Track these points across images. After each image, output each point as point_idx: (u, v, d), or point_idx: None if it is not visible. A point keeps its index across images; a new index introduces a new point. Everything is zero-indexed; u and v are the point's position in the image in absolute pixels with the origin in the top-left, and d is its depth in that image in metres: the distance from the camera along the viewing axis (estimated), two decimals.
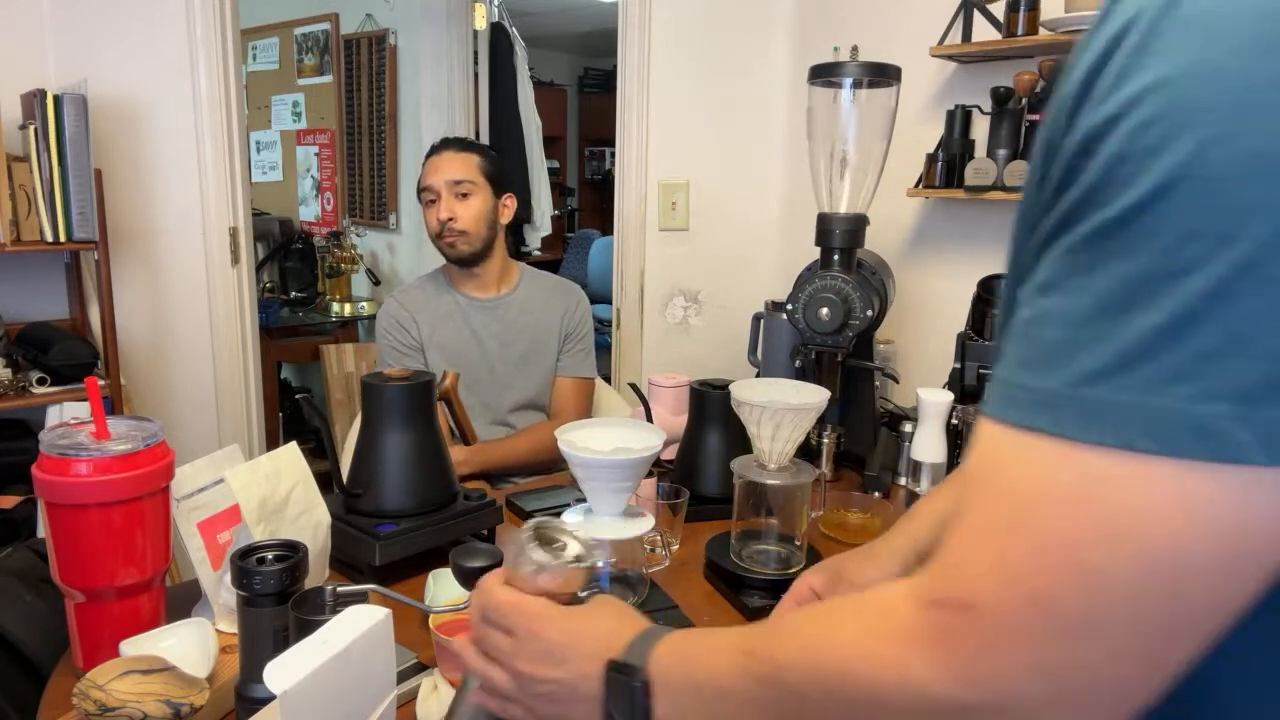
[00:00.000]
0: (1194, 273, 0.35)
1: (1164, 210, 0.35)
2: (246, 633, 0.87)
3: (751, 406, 1.20)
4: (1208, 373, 0.35)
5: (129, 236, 2.27)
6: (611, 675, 0.58)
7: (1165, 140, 0.35)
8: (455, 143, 2.01)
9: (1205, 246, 0.35)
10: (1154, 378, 0.36)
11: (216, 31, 2.25)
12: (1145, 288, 0.36)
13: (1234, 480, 0.35)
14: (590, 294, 7.17)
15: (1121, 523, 0.37)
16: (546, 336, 2.03)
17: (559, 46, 7.36)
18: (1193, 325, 0.35)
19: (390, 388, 1.27)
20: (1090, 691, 0.39)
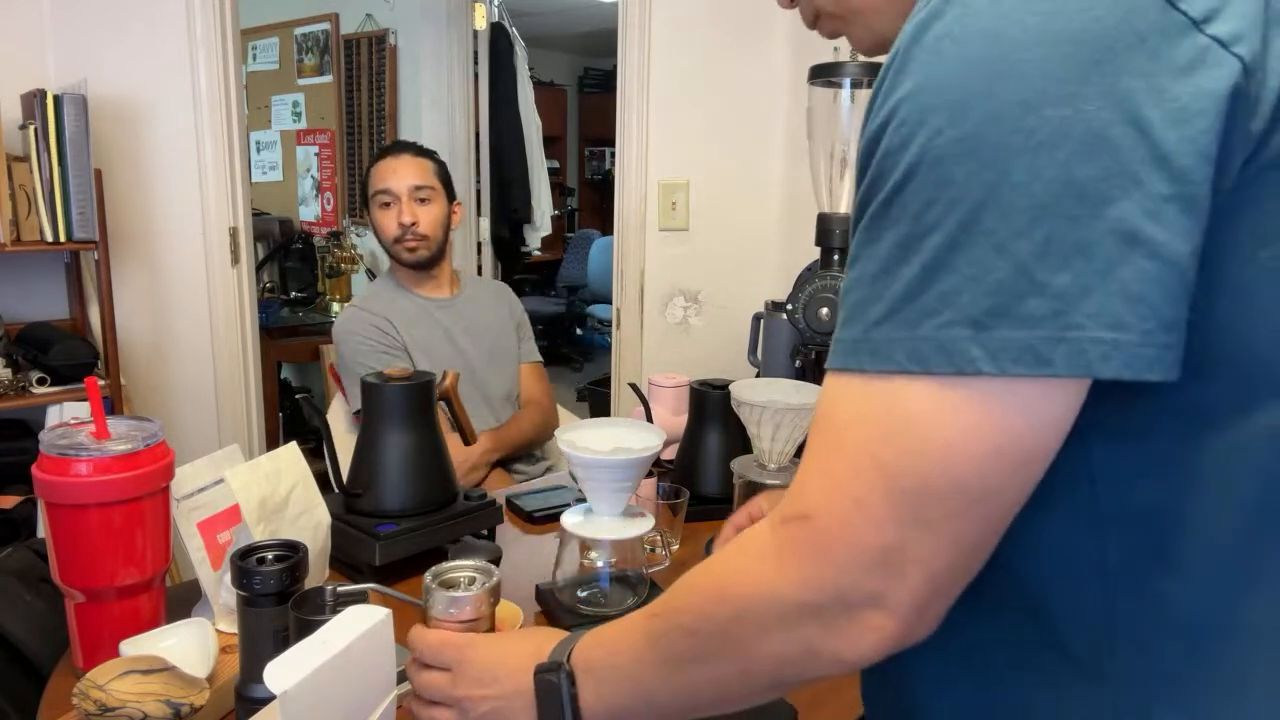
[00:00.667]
0: (934, 232, 0.45)
1: (911, 188, 0.46)
2: (246, 633, 0.87)
3: (751, 406, 1.20)
4: (948, 307, 0.45)
5: (129, 236, 2.27)
6: (540, 677, 0.63)
7: (909, 136, 0.46)
8: (411, 147, 2.02)
9: (939, 212, 0.45)
10: (913, 316, 0.46)
11: (216, 31, 2.25)
12: (905, 248, 0.46)
13: (976, 389, 0.45)
14: (590, 294, 7.13)
15: (908, 431, 0.46)
16: (505, 329, 2.13)
17: (559, 46, 7.36)
18: (935, 272, 0.45)
19: (390, 388, 1.27)
20: (914, 577, 0.47)
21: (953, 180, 0.45)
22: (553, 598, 1.13)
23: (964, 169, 0.44)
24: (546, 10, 5.90)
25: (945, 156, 0.45)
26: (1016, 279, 0.43)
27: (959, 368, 0.44)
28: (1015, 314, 0.43)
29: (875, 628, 0.48)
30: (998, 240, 0.44)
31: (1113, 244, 0.42)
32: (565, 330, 6.60)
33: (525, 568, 1.30)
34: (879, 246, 0.48)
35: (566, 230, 7.40)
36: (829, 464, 0.49)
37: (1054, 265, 0.43)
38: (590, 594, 1.13)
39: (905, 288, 0.46)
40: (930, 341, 0.45)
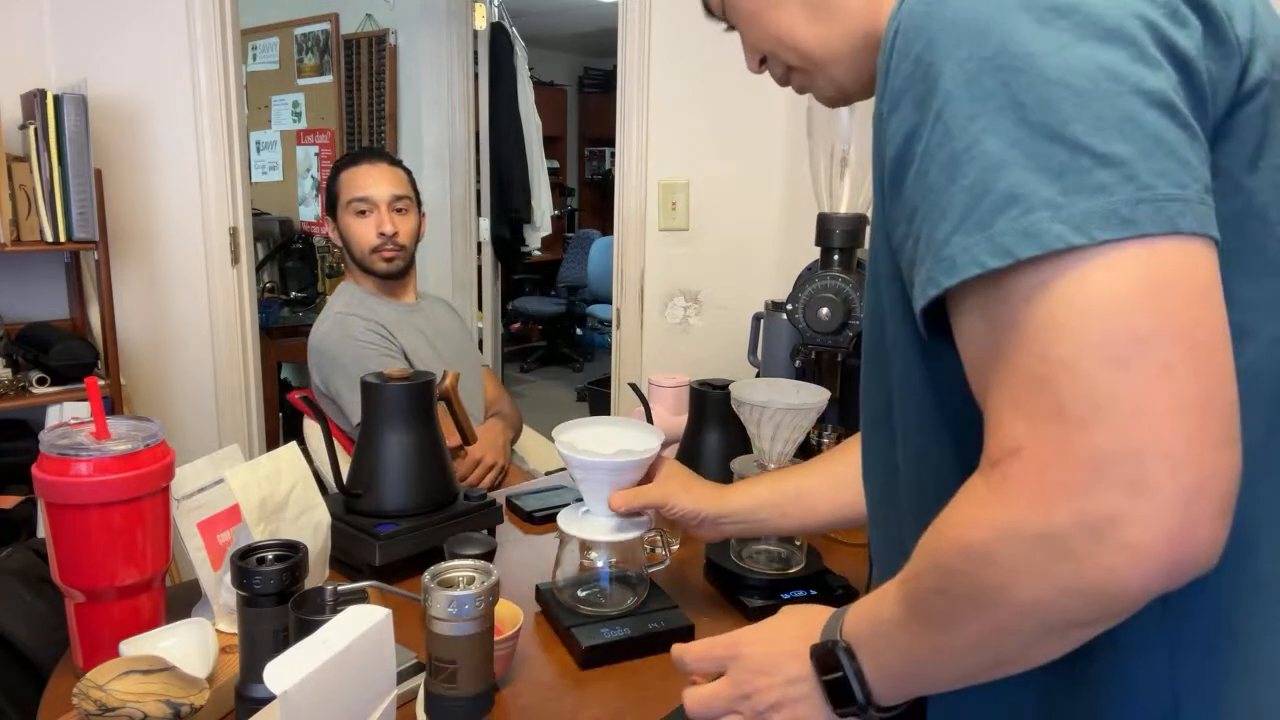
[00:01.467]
0: (983, 140, 0.47)
1: (950, 113, 0.49)
2: (246, 633, 0.87)
3: (751, 406, 1.20)
4: (1019, 200, 0.45)
5: (129, 236, 2.27)
6: (818, 658, 0.61)
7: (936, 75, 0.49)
8: (385, 156, 2.01)
9: (983, 123, 0.47)
10: (984, 218, 0.46)
11: (216, 31, 2.25)
12: (955, 165, 0.48)
13: (1067, 266, 0.44)
14: (590, 294, 7.14)
15: (1047, 326, 0.45)
16: (465, 332, 2.18)
17: (559, 46, 7.36)
18: (995, 173, 0.46)
19: (390, 388, 1.27)
20: (1157, 474, 0.42)
21: (991, 93, 0.47)
22: (553, 598, 1.13)
23: (998, 79, 0.47)
24: (546, 10, 5.90)
25: (978, 74, 0.47)
26: (1077, 157, 0.44)
27: (1047, 246, 0.44)
28: (1087, 187, 0.44)
29: (1130, 546, 0.42)
30: (1050, 130, 0.45)
31: (1155, 113, 0.45)
32: (565, 330, 6.60)
33: (525, 568, 1.30)
34: (929, 179, 0.49)
35: (566, 230, 7.40)
36: (1003, 396, 0.47)
37: (1110, 137, 0.44)
38: (590, 594, 1.13)
39: (967, 196, 0.47)
40: (1011, 234, 0.45)
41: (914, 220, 0.51)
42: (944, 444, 0.60)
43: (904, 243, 0.53)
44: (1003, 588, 0.46)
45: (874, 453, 0.71)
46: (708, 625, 1.14)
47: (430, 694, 0.86)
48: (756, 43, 0.78)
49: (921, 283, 0.50)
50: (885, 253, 0.59)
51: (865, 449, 0.73)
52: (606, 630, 1.06)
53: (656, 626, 1.08)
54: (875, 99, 0.56)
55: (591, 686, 1.01)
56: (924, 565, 0.53)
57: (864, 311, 0.67)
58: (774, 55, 0.77)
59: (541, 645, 1.09)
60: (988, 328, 0.48)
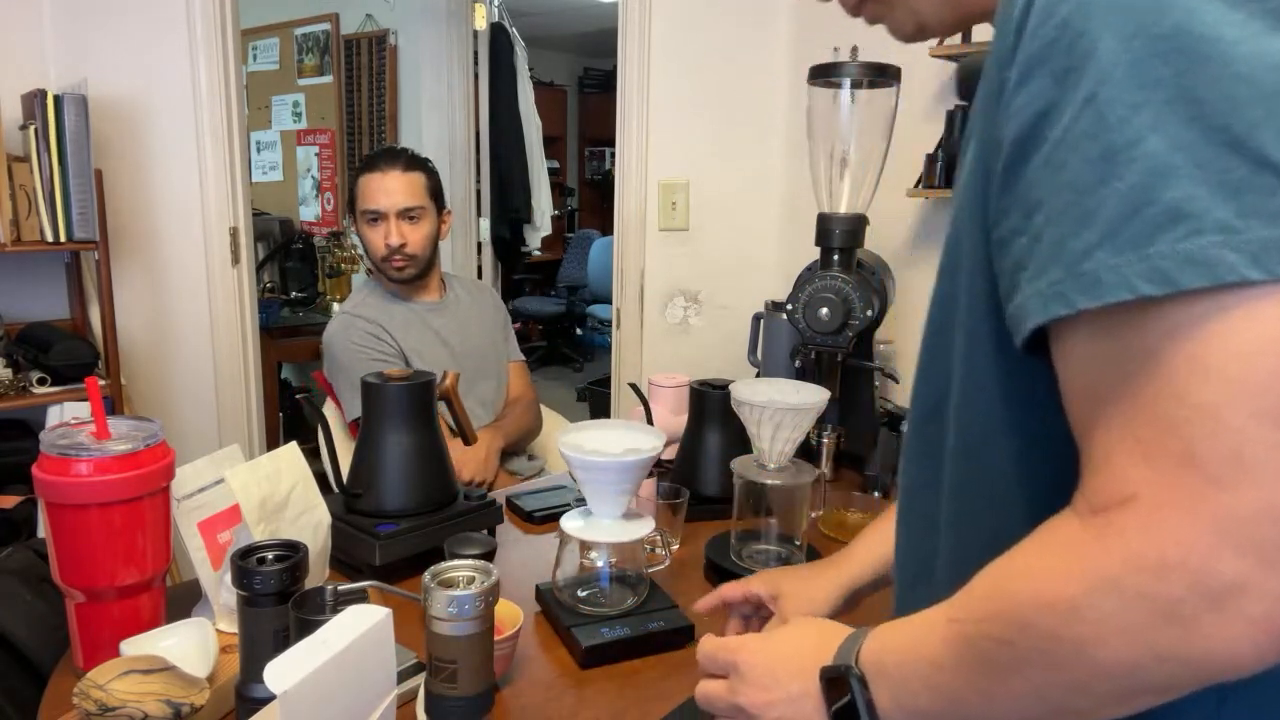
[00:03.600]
0: (1148, 138, 0.40)
1: (1106, 96, 0.41)
2: (246, 633, 0.87)
3: (751, 406, 1.20)
4: (1186, 217, 0.38)
5: (129, 236, 2.27)
6: (827, 680, 0.58)
7: (1092, 44, 0.41)
8: (401, 158, 1.95)
9: (1150, 115, 0.40)
10: (1141, 233, 0.40)
11: (216, 31, 2.25)
12: (1109, 162, 0.41)
13: (1247, 302, 0.38)
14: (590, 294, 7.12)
15: (1196, 371, 0.39)
16: (493, 329, 2.14)
17: (559, 46, 7.36)
18: (1160, 179, 0.39)
19: (390, 388, 1.27)
20: (1258, 529, 0.37)
21: (1161, 81, 0.39)
22: (553, 598, 1.13)
23: (1172, 65, 0.39)
24: (546, 10, 5.90)
25: (1147, 56, 0.40)
26: (1261, 174, 0.38)
27: (1219, 278, 0.37)
28: (1269, 211, 0.37)
29: (1251, 619, 0.37)
30: (1231, 136, 0.38)
31: None
32: (565, 330, 6.60)
33: (525, 568, 1.30)
34: (1067, 173, 0.42)
35: (566, 230, 7.40)
36: (1121, 436, 0.41)
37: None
38: (590, 594, 1.13)
39: (1122, 204, 0.40)
40: (1173, 257, 0.38)
41: (1033, 216, 0.44)
42: (1006, 463, 0.54)
43: (1012, 238, 0.46)
44: (1087, 646, 0.42)
45: (921, 446, 0.65)
46: (708, 625, 1.14)
47: (430, 694, 0.86)
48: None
49: (1042, 295, 0.43)
50: (976, 242, 0.51)
51: (912, 439, 0.67)
52: (606, 630, 1.06)
53: (656, 626, 1.08)
54: (993, 58, 0.48)
55: (591, 686, 1.01)
56: (990, 611, 0.47)
57: (932, 296, 0.61)
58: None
59: (541, 645, 1.09)
60: (1112, 356, 0.42)
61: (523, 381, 2.17)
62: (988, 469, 0.56)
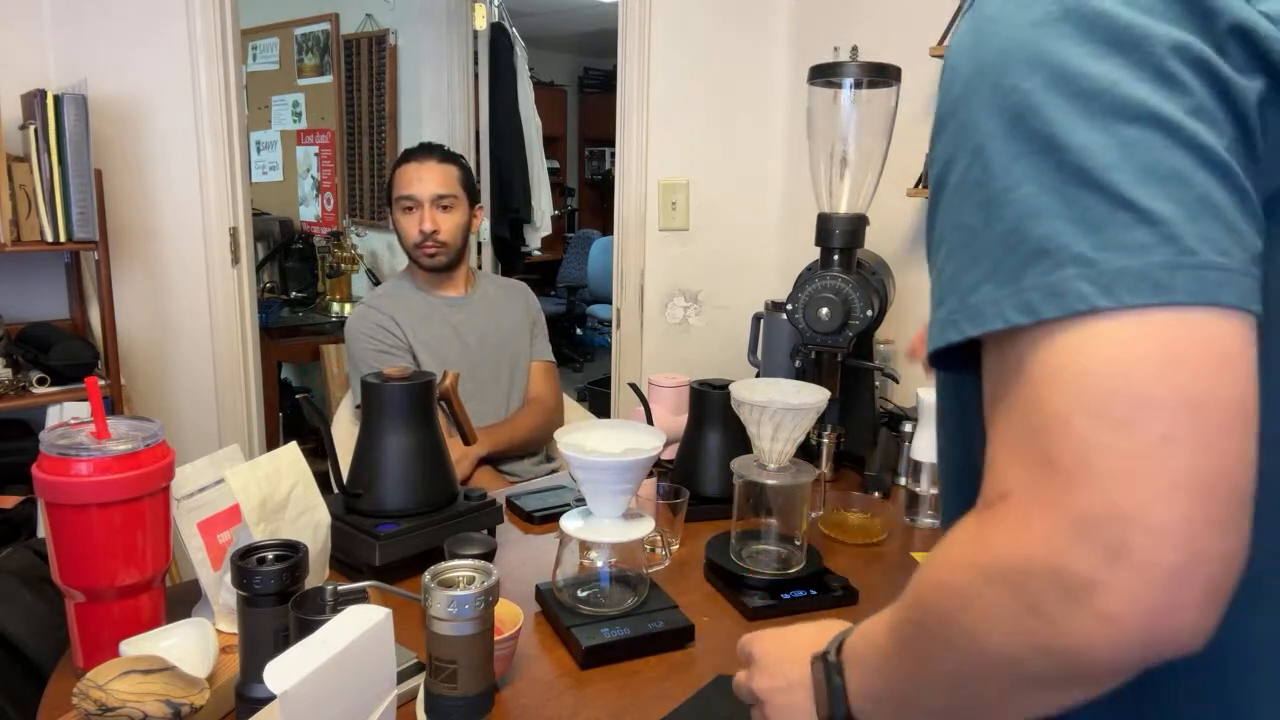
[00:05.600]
0: (1023, 185, 0.45)
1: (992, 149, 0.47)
2: (246, 633, 0.87)
3: (751, 406, 1.20)
4: (1051, 253, 0.43)
5: (129, 236, 2.27)
6: (814, 666, 0.63)
7: (976, 107, 0.48)
8: (437, 151, 2.03)
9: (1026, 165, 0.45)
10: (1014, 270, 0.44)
11: (216, 31, 2.25)
12: (992, 206, 0.46)
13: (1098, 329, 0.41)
14: (590, 294, 7.10)
15: (1061, 371, 0.42)
16: (518, 327, 2.13)
17: (559, 46, 7.36)
18: (1031, 220, 0.44)
19: (390, 388, 1.27)
20: (1140, 544, 0.39)
21: (1034, 132, 0.44)
22: (553, 598, 1.13)
23: (1042, 117, 0.44)
24: (546, 10, 5.90)
25: (1022, 111, 0.44)
26: (1117, 211, 0.41)
27: (1070, 308, 0.41)
28: (1123, 244, 0.41)
29: (1103, 616, 0.39)
30: (1090, 177, 0.42)
31: (1205, 173, 0.42)
32: (565, 330, 6.60)
33: (525, 568, 1.30)
34: (962, 216, 0.47)
35: (566, 230, 7.40)
36: (1001, 439, 0.45)
37: (1154, 193, 0.41)
38: (590, 594, 1.13)
39: (1000, 245, 0.45)
40: (1037, 290, 0.43)
41: (939, 251, 0.50)
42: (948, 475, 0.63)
43: (931, 270, 0.52)
44: (975, 634, 0.45)
45: None
46: (708, 625, 1.14)
47: (430, 694, 0.86)
48: None
49: (940, 323, 0.48)
50: None
51: None
52: (606, 630, 1.06)
53: (656, 626, 1.08)
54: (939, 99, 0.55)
55: (591, 686, 1.01)
56: (911, 598, 0.51)
57: None
58: None
59: (541, 645, 1.09)
60: (1000, 372, 0.46)
61: (544, 383, 2.16)
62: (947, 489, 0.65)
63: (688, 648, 1.09)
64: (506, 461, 2.03)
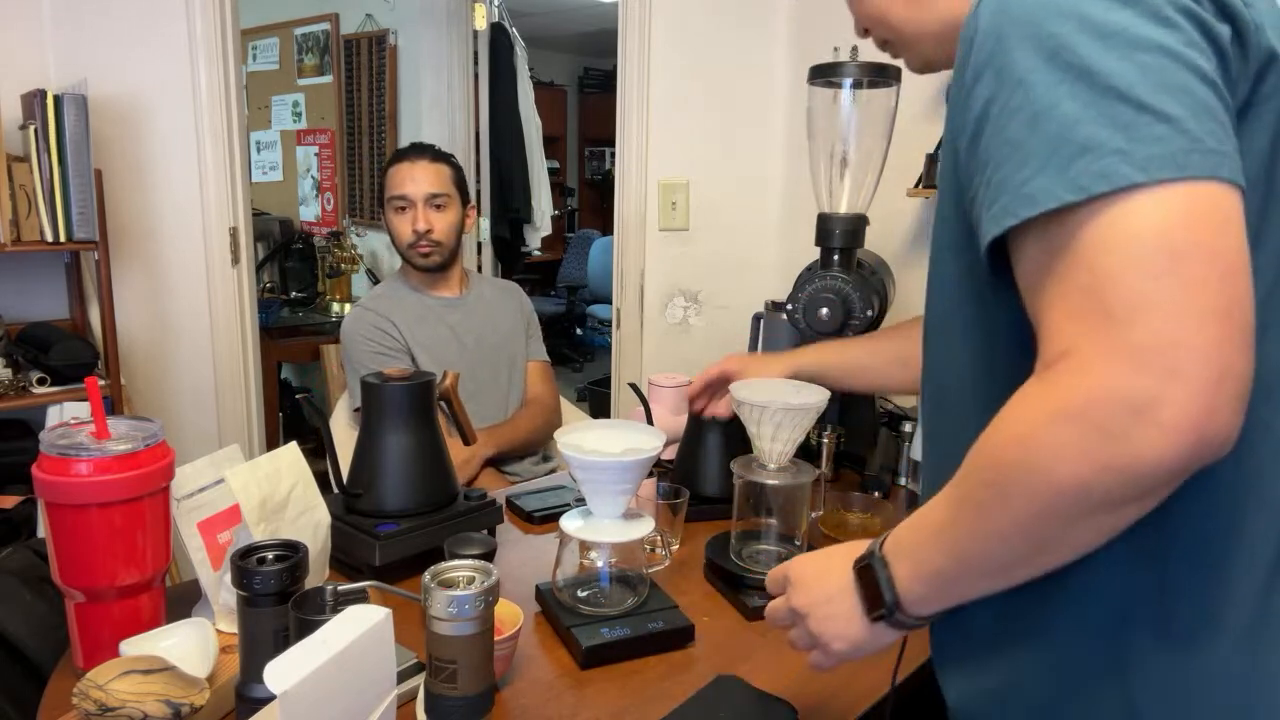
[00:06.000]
0: (1063, 102, 0.56)
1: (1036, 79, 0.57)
2: (246, 633, 0.87)
3: (751, 406, 1.20)
4: (1094, 147, 0.54)
5: (129, 236, 2.27)
6: (858, 571, 0.70)
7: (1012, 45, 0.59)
8: (428, 151, 2.02)
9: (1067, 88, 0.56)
10: (1063, 162, 0.54)
11: (216, 31, 2.25)
12: (1037, 120, 0.56)
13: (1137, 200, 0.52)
14: (590, 294, 7.10)
15: (1109, 237, 0.53)
16: (514, 328, 2.14)
17: (559, 46, 7.36)
18: (1074, 126, 0.55)
19: (390, 388, 1.27)
20: (1189, 365, 0.49)
21: (1069, 64, 0.55)
22: (553, 597, 1.13)
23: (1076, 53, 0.55)
24: (546, 10, 5.90)
25: (1058, 49, 0.56)
26: (1141, 115, 0.53)
27: (1116, 184, 0.52)
28: (1149, 138, 0.53)
29: (1164, 425, 0.49)
30: (1119, 93, 0.54)
31: (1204, 88, 0.54)
32: (565, 330, 6.60)
33: (525, 568, 1.30)
34: (1008, 133, 0.57)
35: (566, 230, 7.40)
36: (1057, 307, 0.55)
37: (1167, 101, 0.53)
38: (590, 594, 1.13)
39: (1048, 146, 0.55)
40: (1085, 174, 0.53)
41: (986, 170, 0.59)
42: (963, 381, 0.71)
43: (977, 191, 0.60)
44: (1049, 469, 0.53)
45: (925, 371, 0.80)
46: (708, 625, 1.14)
47: (430, 694, 0.86)
48: (859, 15, 0.90)
49: (995, 217, 0.57)
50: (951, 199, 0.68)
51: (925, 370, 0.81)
52: (606, 630, 1.06)
53: (656, 626, 1.08)
54: (955, 71, 0.65)
55: (591, 686, 1.01)
56: (977, 462, 0.59)
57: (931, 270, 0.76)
58: (873, 29, 0.89)
59: (541, 645, 1.09)
60: (1048, 252, 0.55)
61: (542, 383, 2.16)
62: (953, 398, 0.73)
63: (688, 648, 1.09)
64: (508, 462, 2.02)
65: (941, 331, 0.74)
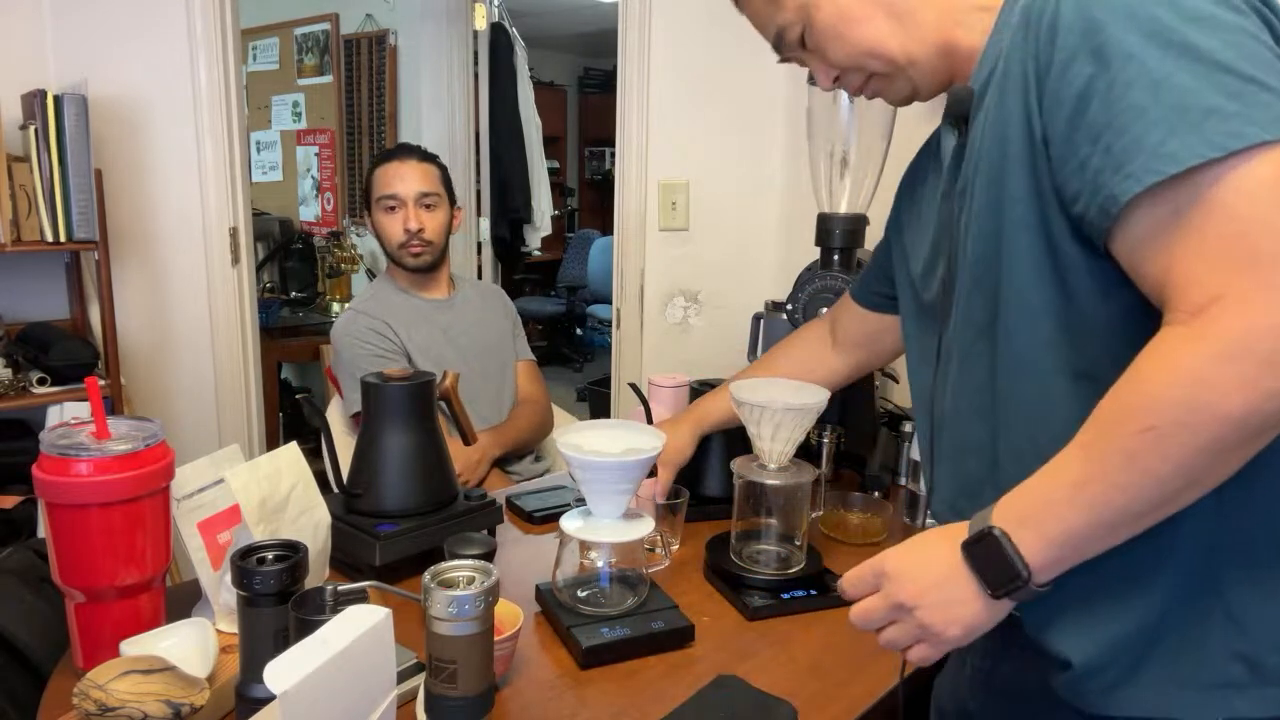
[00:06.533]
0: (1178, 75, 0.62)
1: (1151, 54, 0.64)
2: (246, 633, 0.87)
3: (751, 406, 1.20)
4: (1215, 114, 0.60)
5: (129, 236, 2.27)
6: (970, 548, 0.69)
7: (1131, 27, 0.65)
8: (416, 151, 2.02)
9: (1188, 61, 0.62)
10: (1193, 123, 0.60)
11: (216, 31, 2.25)
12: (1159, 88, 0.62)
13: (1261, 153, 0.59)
14: (590, 294, 7.10)
15: (1247, 188, 0.58)
16: (501, 329, 2.14)
17: (559, 46, 7.36)
18: (1196, 95, 0.61)
19: (390, 388, 1.27)
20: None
21: (1174, 42, 0.62)
22: (553, 597, 1.13)
23: (1178, 33, 0.62)
24: (546, 10, 5.90)
25: (1162, 30, 0.62)
26: (1248, 85, 0.60)
27: (1249, 141, 0.58)
28: (1260, 104, 0.59)
29: None
30: (1223, 66, 0.60)
31: (1279, 63, 0.62)
32: (565, 330, 6.60)
33: (525, 568, 1.30)
34: (1128, 100, 0.62)
35: (566, 230, 7.39)
36: (1197, 259, 0.60)
37: (1265, 73, 0.61)
38: (590, 594, 1.13)
39: (1174, 112, 0.60)
40: (1217, 133, 0.59)
41: (1099, 140, 0.64)
42: (1053, 352, 0.73)
43: (1086, 160, 0.65)
44: (1219, 403, 0.57)
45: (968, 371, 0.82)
46: (708, 625, 1.14)
47: (430, 694, 0.86)
48: (838, 60, 0.87)
49: (1132, 176, 0.61)
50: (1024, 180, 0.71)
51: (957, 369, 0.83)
52: (606, 630, 1.06)
53: (656, 626, 1.08)
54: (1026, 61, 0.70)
55: (591, 686, 1.01)
56: (1124, 414, 0.62)
57: (973, 241, 0.78)
58: (857, 67, 0.87)
59: (541, 645, 1.09)
60: (1173, 215, 0.61)
61: (533, 382, 2.16)
62: (1039, 369, 0.74)
63: (688, 648, 1.09)
64: (509, 461, 2.03)
65: (1018, 309, 0.75)
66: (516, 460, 2.06)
